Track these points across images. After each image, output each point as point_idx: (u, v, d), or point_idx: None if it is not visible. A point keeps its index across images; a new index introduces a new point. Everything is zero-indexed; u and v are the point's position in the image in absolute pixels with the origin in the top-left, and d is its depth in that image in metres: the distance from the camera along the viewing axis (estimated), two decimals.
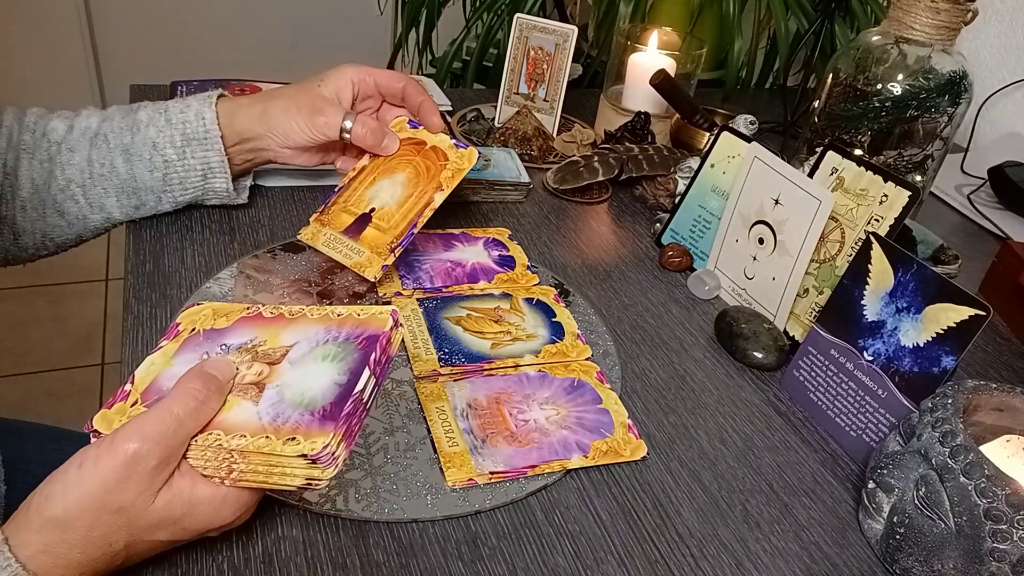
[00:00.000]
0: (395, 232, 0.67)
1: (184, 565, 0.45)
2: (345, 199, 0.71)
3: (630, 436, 0.58)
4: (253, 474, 0.42)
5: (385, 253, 0.66)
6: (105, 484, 0.40)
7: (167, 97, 0.88)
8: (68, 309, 1.95)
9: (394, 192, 0.70)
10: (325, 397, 0.43)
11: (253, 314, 0.50)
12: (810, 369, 0.63)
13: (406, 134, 0.73)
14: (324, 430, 0.42)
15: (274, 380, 0.45)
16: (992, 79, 1.22)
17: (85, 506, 0.40)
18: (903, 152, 0.86)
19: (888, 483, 0.51)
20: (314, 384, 0.44)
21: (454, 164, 0.69)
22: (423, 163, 0.71)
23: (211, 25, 2.29)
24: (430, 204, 0.68)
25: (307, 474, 0.42)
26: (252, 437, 0.42)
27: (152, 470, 0.41)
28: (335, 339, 0.47)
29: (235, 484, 0.43)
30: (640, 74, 0.99)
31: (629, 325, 0.71)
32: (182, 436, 0.42)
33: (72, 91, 2.24)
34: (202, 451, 0.43)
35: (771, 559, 0.51)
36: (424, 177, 0.70)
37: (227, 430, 0.43)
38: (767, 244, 0.71)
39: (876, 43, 0.84)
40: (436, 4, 1.43)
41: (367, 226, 0.68)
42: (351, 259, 0.67)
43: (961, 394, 0.51)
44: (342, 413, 0.42)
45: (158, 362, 0.48)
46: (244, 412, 0.44)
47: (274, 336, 0.48)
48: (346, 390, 0.43)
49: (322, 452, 0.41)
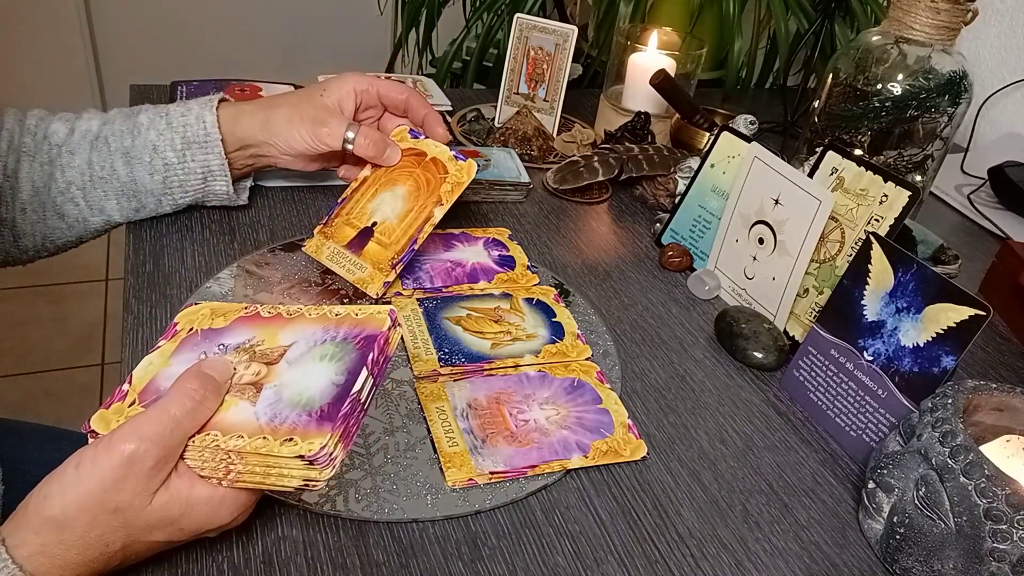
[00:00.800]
0: (396, 248, 0.68)
1: (184, 565, 0.45)
2: (348, 211, 0.71)
3: (630, 436, 0.58)
4: (251, 475, 0.42)
5: (387, 269, 0.67)
6: (103, 484, 0.40)
7: (167, 97, 0.88)
8: (68, 309, 1.95)
9: (395, 205, 0.70)
10: (323, 397, 0.43)
11: (251, 314, 0.50)
12: (810, 369, 0.63)
13: (407, 144, 0.73)
14: (321, 431, 0.42)
15: (272, 380, 0.45)
16: (992, 79, 1.22)
17: (83, 506, 0.40)
18: (903, 152, 0.86)
19: (888, 483, 0.51)
20: (312, 384, 0.44)
21: (453, 177, 0.70)
22: (423, 175, 0.71)
23: (211, 25, 2.29)
24: (430, 219, 0.68)
25: (304, 475, 0.42)
26: (250, 438, 0.42)
27: (149, 470, 0.41)
28: (333, 339, 0.47)
29: (232, 485, 0.43)
30: (640, 74, 0.99)
31: (629, 325, 0.71)
32: (179, 436, 0.42)
33: (72, 91, 2.24)
34: (199, 452, 0.43)
35: (771, 559, 0.51)
36: (424, 190, 0.70)
37: (224, 430, 0.43)
38: (767, 244, 0.71)
39: (876, 43, 0.84)
40: (436, 4, 1.43)
41: (369, 240, 0.69)
42: (354, 274, 0.67)
43: (961, 394, 0.51)
44: (339, 414, 0.42)
45: (156, 362, 0.48)
46: (242, 412, 0.44)
47: (272, 336, 0.48)
48: (343, 390, 0.43)
49: (319, 453, 0.41)
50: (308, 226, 0.77)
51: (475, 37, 1.39)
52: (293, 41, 2.37)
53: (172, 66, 2.25)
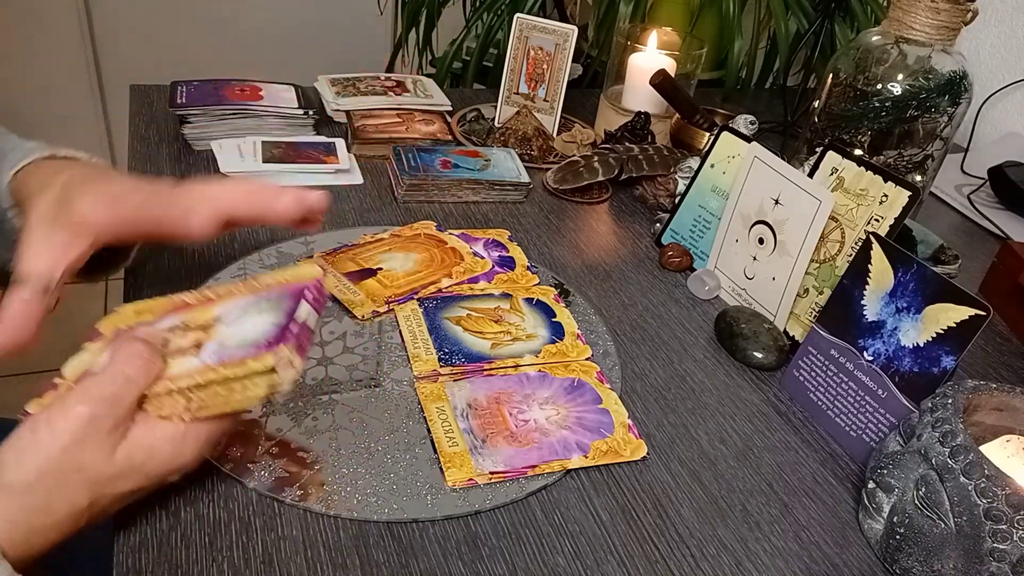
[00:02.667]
0: (395, 290, 0.68)
1: (184, 565, 0.45)
2: (355, 253, 0.72)
3: (630, 436, 0.58)
4: (214, 399, 0.43)
5: (380, 303, 0.66)
6: (62, 447, 0.40)
7: (168, 97, 0.88)
8: (67, 309, 1.95)
9: (405, 264, 0.71)
10: (267, 334, 0.44)
11: (178, 304, 0.50)
12: (810, 369, 0.63)
13: (431, 232, 0.76)
14: (273, 350, 0.42)
15: (212, 340, 0.45)
16: (992, 79, 1.22)
17: (43, 470, 0.40)
18: (903, 152, 0.86)
19: (888, 483, 0.51)
20: (254, 330, 0.45)
21: (468, 266, 0.72)
22: (439, 254, 0.73)
23: (211, 25, 2.29)
24: (436, 283, 0.69)
25: (268, 382, 0.42)
26: (202, 378, 0.43)
27: (110, 429, 0.41)
28: (268, 299, 0.47)
29: (197, 416, 0.43)
30: (640, 74, 0.99)
31: (629, 325, 0.71)
32: (135, 393, 0.42)
33: (72, 91, 2.23)
34: (157, 400, 0.43)
35: (771, 559, 0.51)
36: (437, 264, 0.72)
37: (175, 379, 0.43)
38: (767, 244, 0.71)
39: (876, 43, 0.84)
40: (436, 4, 1.43)
41: (370, 278, 0.69)
42: (344, 295, 0.67)
43: (961, 394, 0.51)
44: (288, 333, 0.43)
45: (87, 359, 0.48)
46: (188, 363, 0.44)
47: (205, 312, 0.48)
48: (286, 319, 0.44)
49: (277, 361, 0.42)
50: None
51: (475, 37, 1.39)
52: (293, 41, 2.36)
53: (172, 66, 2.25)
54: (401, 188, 0.83)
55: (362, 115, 0.95)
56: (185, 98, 0.87)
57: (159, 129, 0.91)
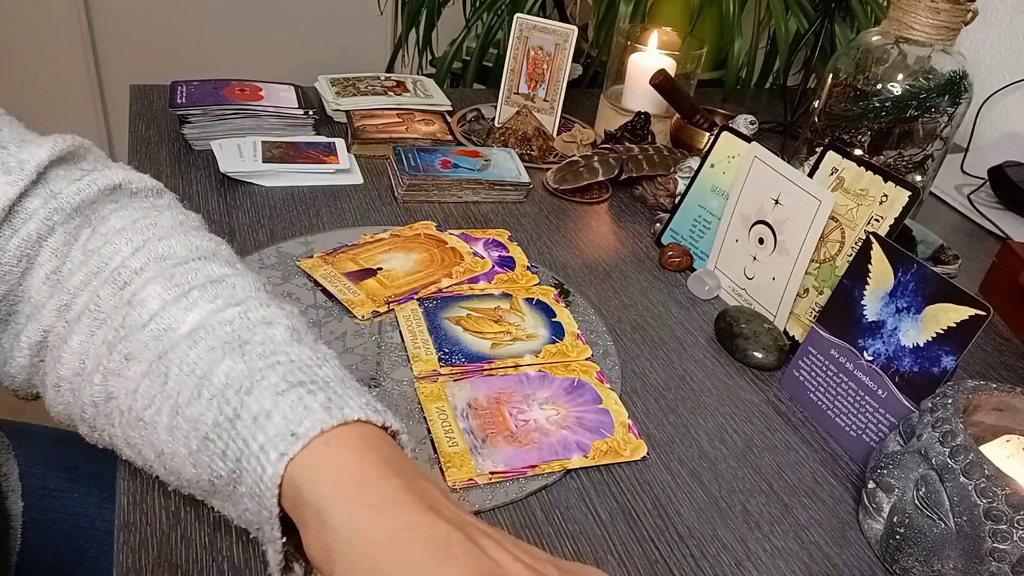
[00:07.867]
0: (395, 290, 0.68)
1: (184, 565, 0.45)
2: (355, 253, 0.72)
3: (630, 436, 0.58)
4: None
5: (380, 303, 0.66)
6: None
7: (167, 97, 0.88)
8: None
9: (405, 264, 0.72)
10: None
11: None
12: (810, 369, 0.63)
13: (431, 233, 0.77)
14: None
15: None
16: (992, 79, 1.22)
17: None
18: (903, 152, 0.86)
19: (888, 483, 0.51)
20: None
21: (468, 266, 0.72)
22: (440, 254, 0.73)
23: (211, 25, 2.29)
24: (436, 283, 0.69)
25: None
26: None
27: None
28: None
29: None
30: (640, 74, 0.99)
31: (629, 325, 0.71)
32: None
33: (72, 91, 2.23)
34: None
35: (771, 559, 0.51)
36: (437, 264, 0.72)
37: None
38: (767, 244, 0.71)
39: (876, 43, 0.84)
40: (436, 4, 1.43)
41: (370, 278, 0.69)
42: (344, 295, 0.67)
43: (961, 394, 0.51)
44: None
45: None
46: None
47: None
48: None
49: None
50: (308, 226, 0.77)
51: (475, 37, 1.39)
52: (293, 41, 2.36)
53: (172, 66, 2.25)
54: (401, 188, 0.83)
55: (362, 115, 0.95)
56: (185, 98, 0.87)
57: (159, 129, 0.91)
